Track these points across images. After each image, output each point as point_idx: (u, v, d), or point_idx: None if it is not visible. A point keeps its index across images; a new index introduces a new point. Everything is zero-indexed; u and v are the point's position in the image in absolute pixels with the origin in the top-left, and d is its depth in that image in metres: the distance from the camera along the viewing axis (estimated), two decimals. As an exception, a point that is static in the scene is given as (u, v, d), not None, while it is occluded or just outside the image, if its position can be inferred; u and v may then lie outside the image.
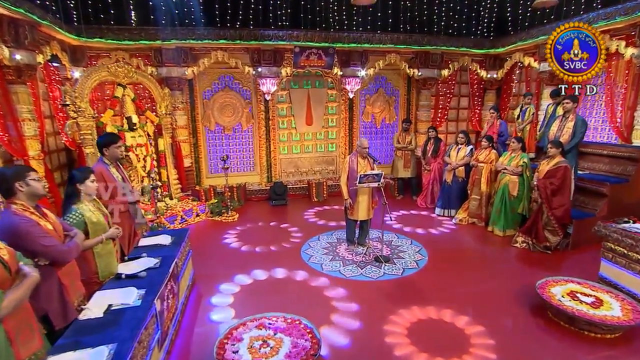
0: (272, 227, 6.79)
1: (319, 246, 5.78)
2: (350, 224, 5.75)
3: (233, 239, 6.28)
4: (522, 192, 6.09)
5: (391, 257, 5.41)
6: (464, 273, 4.92)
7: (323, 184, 8.80)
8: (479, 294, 4.41)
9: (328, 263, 5.20)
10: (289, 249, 5.72)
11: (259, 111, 8.64)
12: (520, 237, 5.84)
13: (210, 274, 4.94)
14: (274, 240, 6.03)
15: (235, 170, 8.87)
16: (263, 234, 6.37)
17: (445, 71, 9.01)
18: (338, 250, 5.66)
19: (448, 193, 7.26)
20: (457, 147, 7.24)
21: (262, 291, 4.47)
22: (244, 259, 5.36)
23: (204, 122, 8.44)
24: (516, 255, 5.48)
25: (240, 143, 8.81)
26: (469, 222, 6.83)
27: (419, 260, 5.30)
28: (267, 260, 5.27)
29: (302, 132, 9.05)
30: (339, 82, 8.91)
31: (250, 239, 6.14)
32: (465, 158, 7.05)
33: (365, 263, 5.20)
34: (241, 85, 8.53)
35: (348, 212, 5.60)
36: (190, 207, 7.15)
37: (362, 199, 5.51)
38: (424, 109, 9.41)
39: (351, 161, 5.48)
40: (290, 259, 5.30)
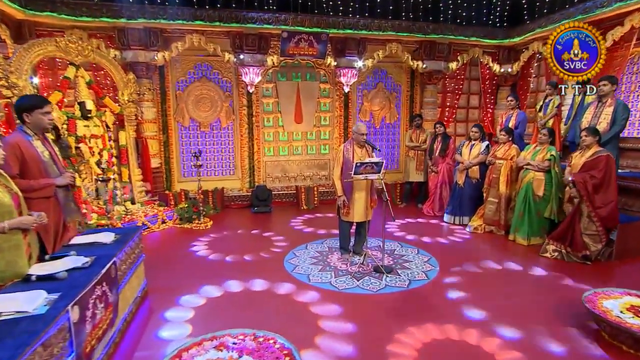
0: (252, 235, 6.39)
1: (307, 255, 5.34)
2: (344, 227, 5.22)
3: (202, 247, 5.78)
4: (550, 192, 5.56)
5: (394, 268, 4.88)
6: (485, 287, 4.41)
7: (314, 190, 8.33)
8: (508, 310, 3.84)
9: (316, 274, 4.72)
10: (270, 258, 5.30)
11: (241, 106, 8.25)
12: (550, 245, 5.26)
13: (169, 285, 4.43)
14: (253, 248, 5.62)
15: (212, 173, 8.40)
16: (240, 243, 5.98)
17: (453, 64, 8.63)
18: (329, 259, 5.19)
19: (459, 197, 6.76)
20: (470, 144, 6.77)
21: (233, 305, 3.97)
22: (215, 269, 4.91)
23: (176, 117, 7.98)
24: (547, 267, 4.93)
25: (219, 142, 8.35)
26: (485, 231, 6.32)
27: (428, 271, 4.81)
28: (243, 270, 4.84)
29: (290, 131, 8.65)
30: (332, 75, 8.58)
31: (224, 247, 5.71)
32: (480, 156, 6.55)
33: (363, 274, 4.70)
34: (220, 75, 8.13)
35: (342, 213, 5.06)
36: (155, 213, 6.62)
37: (359, 196, 4.97)
38: (429, 107, 8.96)
39: (346, 150, 5.00)
40: (271, 270, 4.85)
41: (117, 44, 6.93)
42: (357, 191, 4.97)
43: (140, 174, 7.06)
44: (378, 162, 4.66)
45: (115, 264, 3.30)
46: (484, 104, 9.48)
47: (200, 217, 6.82)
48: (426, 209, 7.57)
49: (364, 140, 4.95)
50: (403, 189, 8.38)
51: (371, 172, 4.69)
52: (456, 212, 6.79)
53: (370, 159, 4.72)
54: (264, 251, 5.50)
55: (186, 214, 6.80)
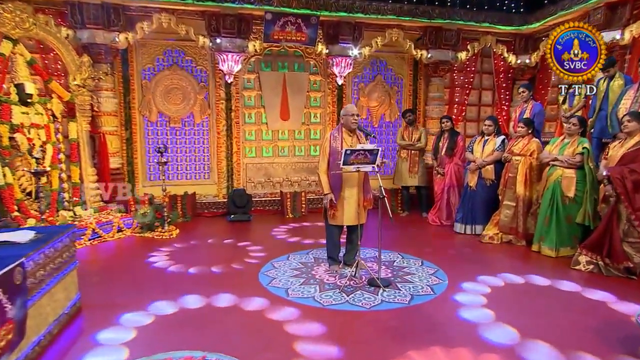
0: (224, 245, 6.09)
1: (287, 267, 5.00)
2: (332, 232, 4.79)
3: (162, 258, 5.38)
4: (582, 192, 5.17)
5: (393, 281, 4.50)
6: (507, 304, 4.03)
7: (301, 197, 7.94)
8: (538, 332, 3.41)
9: (297, 288, 4.34)
10: (243, 270, 4.96)
11: (218, 99, 7.94)
12: (583, 255, 4.84)
13: (111, 300, 4.05)
14: (224, 259, 5.27)
15: (183, 176, 8.08)
16: (209, 253, 5.67)
17: (462, 54, 8.35)
18: (314, 272, 4.85)
19: (471, 202, 6.40)
20: (483, 139, 6.44)
21: (188, 324, 3.59)
22: (172, 283, 4.55)
23: (142, 111, 7.66)
24: (582, 281, 4.52)
25: (192, 141, 8.06)
26: (502, 241, 5.94)
27: (435, 285, 4.43)
28: (207, 283, 4.51)
29: (275, 129, 8.41)
30: (324, 65, 8.35)
31: (188, 258, 5.34)
32: (495, 153, 6.21)
33: (354, 288, 4.32)
34: (194, 62, 7.85)
35: (329, 215, 4.66)
36: (110, 220, 6.21)
37: (350, 193, 4.57)
38: (434, 103, 8.71)
39: (333, 138, 4.62)
40: (241, 283, 4.52)
41: (69, 21, 6.55)
42: (347, 187, 4.57)
43: (95, 174, 6.69)
44: (372, 150, 4.25)
45: (23, 267, 2.74)
46: (497, 101, 9.24)
47: (164, 224, 6.42)
48: (432, 217, 7.25)
49: (356, 124, 4.58)
50: (402, 195, 8.06)
51: (364, 162, 4.28)
52: (468, 220, 6.44)
53: (362, 145, 4.32)
54: (236, 262, 5.17)
55: (147, 220, 6.39)
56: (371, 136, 4.65)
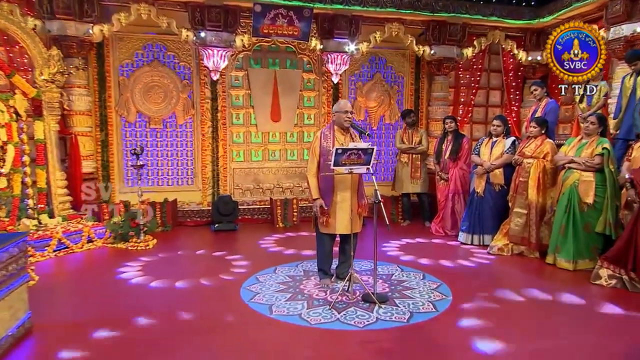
0: (204, 256, 5.93)
1: (273, 281, 4.82)
2: (324, 242, 4.60)
3: (134, 271, 5.17)
4: (603, 197, 4.99)
5: (390, 297, 4.30)
6: (519, 323, 3.86)
7: (292, 204, 7.75)
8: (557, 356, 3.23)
9: (282, 304, 4.15)
10: (223, 284, 4.77)
11: (203, 98, 7.85)
12: (605, 269, 4.62)
13: (68, 320, 3.84)
14: (202, 272, 5.09)
15: (164, 182, 7.93)
16: (186, 266, 5.48)
17: (468, 50, 8.23)
18: (303, 286, 4.66)
19: (478, 210, 6.23)
20: (491, 141, 6.29)
21: (153, 346, 3.35)
22: (139, 298, 4.36)
23: (119, 110, 7.55)
24: (604, 298, 4.30)
25: (174, 143, 7.93)
26: (513, 252, 5.77)
27: (437, 301, 4.23)
28: (179, 299, 4.33)
29: (265, 131, 8.33)
30: (318, 62, 8.26)
31: (163, 271, 5.15)
32: (504, 155, 6.05)
33: (347, 304, 4.12)
34: (177, 58, 7.75)
35: (319, 222, 4.49)
36: (79, 229, 6.01)
37: (342, 198, 4.39)
38: (438, 104, 8.60)
39: (324, 137, 4.45)
40: (219, 298, 4.38)
41: (37, 11, 6.39)
42: (339, 191, 4.40)
43: (65, 179, 6.51)
44: (366, 149, 4.07)
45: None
46: (507, 102, 9.15)
47: (140, 234, 6.21)
48: (435, 227, 7.08)
49: (349, 122, 4.41)
50: (402, 203, 7.89)
51: (357, 164, 4.11)
52: (474, 230, 6.26)
53: (355, 144, 4.15)
54: (216, 276, 4.97)
55: (121, 230, 6.17)
56: (365, 134, 4.44)
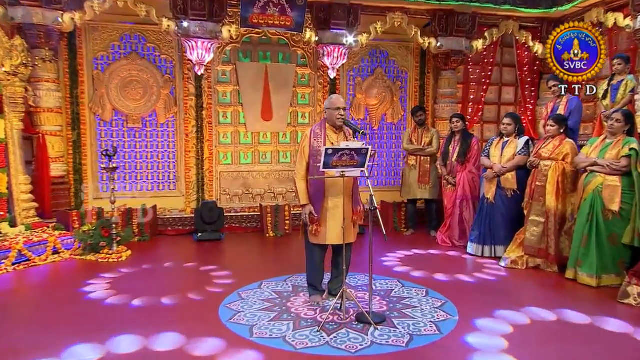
0: (183, 269, 5.87)
1: (257, 297, 4.71)
2: (314, 254, 4.48)
3: (102, 286, 5.04)
4: (630, 205, 4.84)
5: (388, 316, 4.18)
6: (535, 349, 3.71)
7: (284, 211, 7.66)
8: None
9: (265, 325, 4.02)
10: (201, 301, 4.66)
11: (187, 95, 7.87)
12: (634, 286, 4.47)
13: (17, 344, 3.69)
14: (180, 288, 4.99)
15: (144, 187, 7.90)
16: (163, 280, 5.41)
17: (478, 43, 8.17)
18: (290, 304, 4.54)
19: (489, 218, 6.15)
20: (502, 141, 6.21)
21: None
22: (107, 318, 4.24)
23: (93, 108, 7.52)
24: (633, 320, 4.16)
25: (155, 144, 7.91)
26: (528, 266, 5.66)
27: (441, 322, 4.11)
28: (152, 319, 4.19)
29: (255, 131, 8.32)
30: (314, 55, 8.27)
31: (135, 287, 5.04)
32: (517, 157, 5.97)
33: (338, 325, 4.00)
34: (158, 51, 7.74)
35: (309, 231, 4.35)
36: (44, 239, 5.88)
37: (334, 204, 4.26)
38: (445, 101, 8.59)
39: (314, 136, 4.34)
40: (195, 318, 4.23)
41: None
42: (331, 197, 4.26)
43: (29, 183, 6.38)
44: (360, 149, 3.91)
45: None
46: (521, 99, 9.11)
47: (113, 245, 6.10)
48: (441, 237, 6.98)
49: (342, 121, 4.30)
50: (407, 210, 7.84)
51: (350, 165, 3.95)
52: (485, 240, 6.18)
53: (347, 143, 4.02)
54: (195, 291, 4.85)
55: (91, 240, 6.05)
56: (360, 132, 4.28)
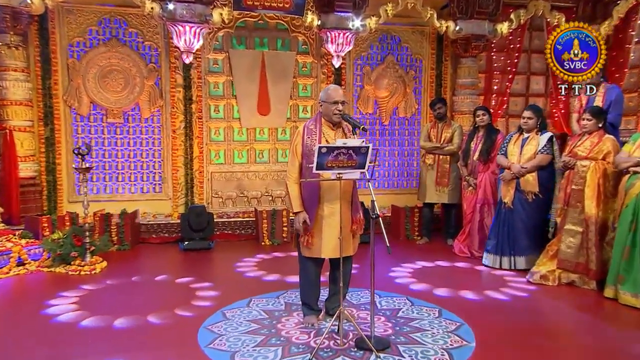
0: (163, 283, 5.79)
1: (244, 317, 4.61)
2: (307, 268, 4.36)
3: (68, 303, 4.95)
4: None
5: (392, 341, 4.03)
6: None
7: (282, 216, 7.60)
8: None
9: (248, 351, 3.91)
10: (180, 321, 4.56)
11: (174, 86, 7.84)
12: None
13: None
14: (158, 305, 4.95)
15: (125, 189, 7.88)
16: (139, 296, 5.33)
17: (503, 26, 8.04)
18: (281, 325, 4.42)
19: (507, 224, 6.12)
20: (522, 137, 6.12)
21: None
22: (65, 342, 4.14)
23: (68, 100, 7.48)
24: None
25: (137, 141, 7.89)
26: (561, 282, 5.50)
27: (455, 350, 3.97)
28: (119, 343, 4.12)
29: (251, 127, 8.31)
30: (316, 42, 8.21)
31: (106, 304, 5.02)
32: (538, 156, 5.88)
33: (335, 351, 3.90)
34: (141, 37, 7.70)
35: (303, 242, 4.25)
36: (7, 249, 5.86)
37: (330, 211, 4.12)
38: (465, 93, 8.48)
39: (308, 133, 4.22)
40: (171, 342, 4.16)
41: None
42: (326, 203, 4.11)
43: None
44: (359, 147, 3.75)
45: None
46: (552, 89, 8.92)
47: (86, 255, 6.01)
48: (459, 246, 6.91)
49: (339, 116, 4.16)
50: (421, 216, 7.84)
51: (348, 167, 3.78)
52: (504, 250, 6.13)
53: (344, 140, 3.86)
54: (171, 310, 4.76)
55: (61, 249, 5.97)
56: (360, 128, 4.11)
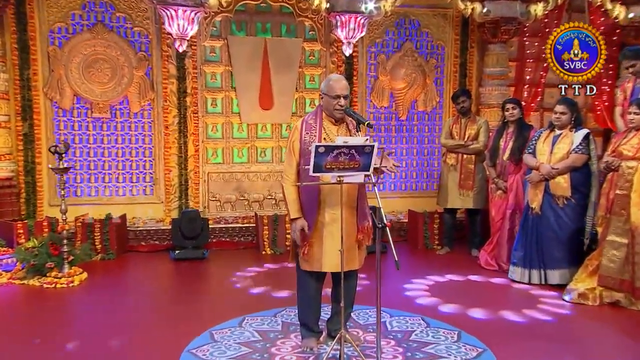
0: (147, 297, 5.79)
1: (233, 339, 4.52)
2: (306, 283, 4.27)
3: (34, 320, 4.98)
4: None
5: None
6: None
7: (284, 222, 7.50)
8: None
9: None
10: (159, 344, 4.47)
11: (167, 77, 7.81)
12: None
13: None
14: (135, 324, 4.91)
15: (113, 191, 7.86)
16: (116, 313, 5.26)
17: (537, 7, 7.80)
18: (275, 349, 4.35)
19: (536, 233, 6.05)
20: (553, 134, 6.01)
21: None
22: None
23: (49, 92, 7.46)
24: None
25: (126, 138, 7.86)
26: (603, 301, 5.38)
27: None
28: None
29: (252, 122, 8.25)
30: (325, 27, 8.17)
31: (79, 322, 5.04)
32: (571, 156, 5.80)
33: None
34: (130, 22, 7.66)
35: (301, 253, 4.15)
36: None
37: (332, 217, 4.00)
38: (493, 84, 8.36)
39: (306, 129, 4.15)
40: None
41: None
42: (328, 208, 4.00)
43: None
44: (362, 146, 3.63)
45: None
46: (596, 80, 8.58)
47: (63, 266, 6.00)
48: (485, 257, 6.81)
49: (341, 112, 4.06)
50: (442, 222, 7.77)
51: (351, 168, 3.66)
52: (532, 262, 6.05)
53: (346, 138, 3.77)
54: (151, 331, 4.76)
55: (35, 259, 5.97)
56: (365, 124, 4.00)
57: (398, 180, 8.47)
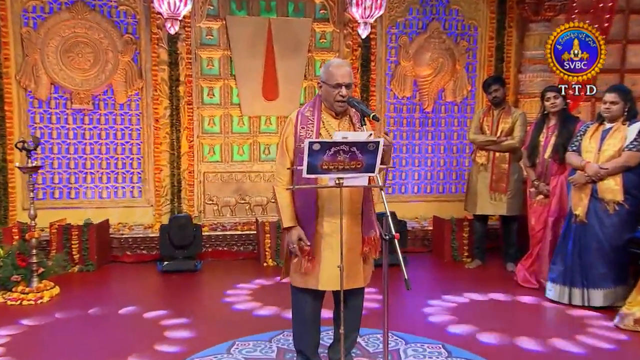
0: (127, 318, 5.70)
1: None
2: (301, 303, 4.15)
3: None
4: None
5: None
6: None
7: None
8: None
9: None
10: None
11: (157, 63, 7.87)
12: None
13: None
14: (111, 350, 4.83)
15: (94, 193, 7.90)
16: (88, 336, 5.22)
17: None
18: None
19: (579, 245, 5.91)
20: (603, 129, 5.83)
21: None
22: None
23: (22, 80, 7.51)
24: None
25: (111, 133, 7.93)
26: None
27: None
28: None
29: (254, 115, 8.29)
30: (338, 5, 8.22)
31: (46, 347, 4.90)
32: (624, 153, 5.62)
33: None
34: (115, 1, 7.73)
35: (297, 268, 4.02)
36: None
37: (332, 227, 3.86)
38: (535, 69, 8.34)
39: (302, 122, 4.03)
40: None
41: None
42: (327, 217, 3.87)
43: None
44: (365, 143, 3.49)
45: None
46: None
47: (32, 279, 5.96)
48: (523, 273, 6.65)
49: (342, 104, 3.93)
50: (472, 231, 7.68)
51: (352, 169, 3.52)
52: (574, 280, 5.89)
53: (344, 133, 3.66)
54: (131, 356, 4.63)
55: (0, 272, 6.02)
56: (370, 116, 3.84)
57: (422, 181, 8.42)
